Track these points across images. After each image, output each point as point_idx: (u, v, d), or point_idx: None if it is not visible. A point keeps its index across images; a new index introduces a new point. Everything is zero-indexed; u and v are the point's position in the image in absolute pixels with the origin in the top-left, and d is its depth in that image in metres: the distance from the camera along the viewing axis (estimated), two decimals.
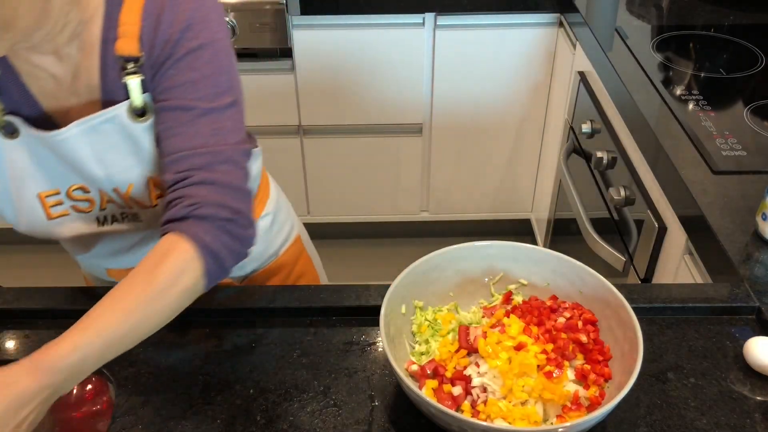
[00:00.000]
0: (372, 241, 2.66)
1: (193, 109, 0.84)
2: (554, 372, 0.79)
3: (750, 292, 0.97)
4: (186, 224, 0.80)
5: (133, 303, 0.75)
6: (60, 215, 0.95)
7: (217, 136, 0.84)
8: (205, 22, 0.85)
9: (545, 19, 2.07)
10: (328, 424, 0.82)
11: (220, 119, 0.85)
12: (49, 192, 0.93)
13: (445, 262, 0.91)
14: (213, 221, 0.81)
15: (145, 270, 0.77)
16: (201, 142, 0.84)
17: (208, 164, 0.83)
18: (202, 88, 0.84)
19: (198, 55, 0.84)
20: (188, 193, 0.82)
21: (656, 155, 1.30)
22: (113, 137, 0.89)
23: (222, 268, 0.82)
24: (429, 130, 2.30)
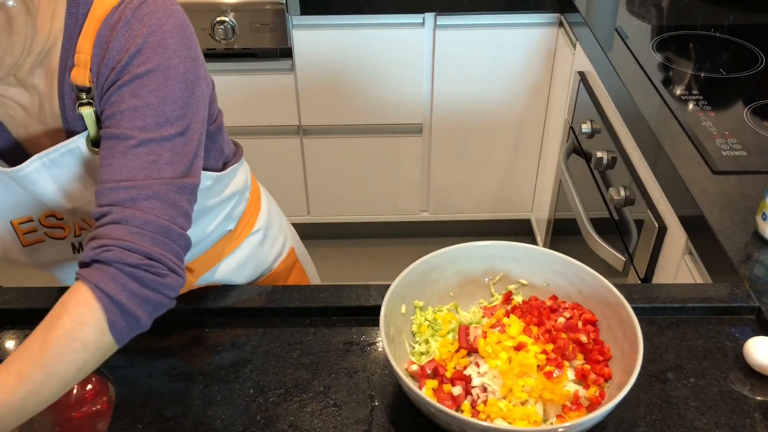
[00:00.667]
0: (372, 241, 2.66)
1: (129, 138, 0.77)
2: (554, 372, 0.79)
3: (750, 292, 0.97)
4: (90, 270, 0.73)
5: (27, 366, 0.67)
6: (34, 242, 0.93)
7: (149, 169, 0.76)
8: (158, 47, 0.79)
9: (545, 19, 2.08)
10: (328, 424, 0.82)
11: (157, 151, 0.77)
12: (22, 219, 0.91)
13: (445, 262, 0.91)
14: (119, 267, 0.72)
15: (42, 328, 0.70)
16: (128, 175, 0.76)
17: (130, 200, 0.75)
18: (143, 116, 0.77)
19: (144, 81, 0.78)
20: (101, 233, 0.74)
21: (656, 155, 1.30)
22: (75, 169, 0.85)
23: (132, 319, 0.73)
24: (429, 130, 2.30)
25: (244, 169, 1.10)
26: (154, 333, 0.94)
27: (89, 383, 0.91)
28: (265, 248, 1.17)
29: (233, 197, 1.05)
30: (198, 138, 0.83)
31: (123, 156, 0.76)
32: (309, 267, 1.34)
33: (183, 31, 0.81)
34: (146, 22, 0.79)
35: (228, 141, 1.04)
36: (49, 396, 0.69)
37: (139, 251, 0.73)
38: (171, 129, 0.79)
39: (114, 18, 0.81)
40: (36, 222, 0.92)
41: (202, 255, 1.06)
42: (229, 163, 1.03)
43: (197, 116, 0.83)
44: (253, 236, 1.13)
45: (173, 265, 0.76)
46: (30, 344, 0.69)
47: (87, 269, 0.73)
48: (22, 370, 0.67)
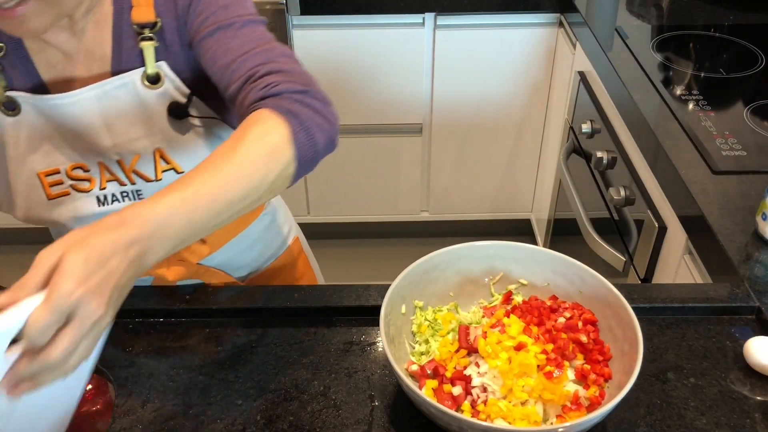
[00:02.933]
0: (372, 241, 2.66)
1: (232, 24, 0.85)
2: (554, 372, 0.79)
3: (750, 292, 0.97)
4: (264, 102, 0.77)
5: (219, 161, 0.70)
6: (60, 194, 0.95)
7: (262, 39, 0.85)
8: None
9: (545, 19, 2.08)
10: (328, 424, 0.82)
11: (258, 29, 0.86)
12: (49, 170, 0.93)
13: (445, 262, 0.91)
14: (289, 95, 0.78)
15: (230, 140, 0.73)
16: (252, 45, 0.83)
17: (266, 60, 0.82)
18: (233, 9, 0.86)
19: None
20: (261, 81, 0.80)
21: (656, 155, 1.30)
22: (124, 104, 0.90)
23: (310, 137, 0.77)
24: (429, 130, 2.30)
25: None
26: (155, 333, 0.94)
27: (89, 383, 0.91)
28: (272, 232, 1.18)
29: None
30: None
31: (236, 36, 0.84)
32: (313, 261, 1.35)
33: None
34: None
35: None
36: (238, 196, 0.69)
37: (301, 83, 0.80)
38: (257, 17, 0.88)
39: None
40: (62, 174, 0.94)
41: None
42: None
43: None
44: (260, 220, 1.15)
45: (325, 98, 0.82)
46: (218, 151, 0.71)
47: (259, 102, 0.77)
48: (214, 165, 0.69)
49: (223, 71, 0.83)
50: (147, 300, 0.99)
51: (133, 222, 0.63)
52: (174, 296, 0.99)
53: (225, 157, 0.70)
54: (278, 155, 0.73)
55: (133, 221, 0.63)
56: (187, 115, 0.91)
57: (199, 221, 0.67)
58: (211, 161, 0.70)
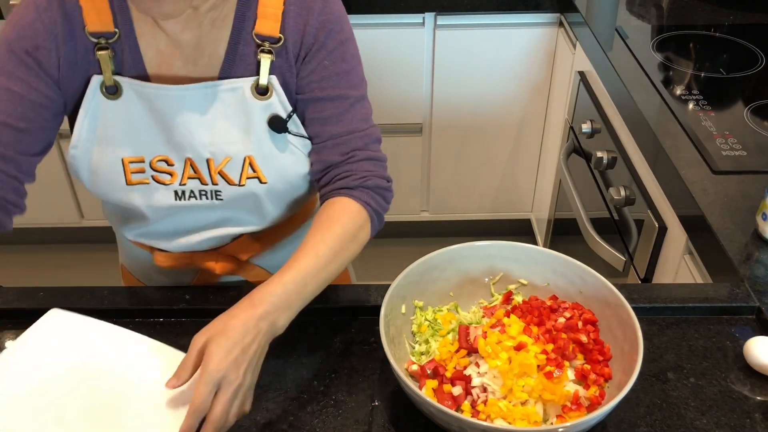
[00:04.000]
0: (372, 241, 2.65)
1: (348, 98, 0.96)
2: (554, 372, 0.79)
3: (750, 292, 0.97)
4: (358, 192, 0.94)
5: (324, 249, 0.87)
6: (139, 182, 0.97)
7: (366, 121, 0.98)
8: (345, 18, 0.96)
9: (545, 19, 2.07)
10: (328, 424, 0.82)
11: (365, 105, 0.98)
12: (134, 158, 0.95)
13: (445, 262, 0.91)
14: (377, 190, 0.96)
15: (329, 223, 0.91)
16: (357, 126, 0.96)
17: (365, 146, 0.97)
18: (352, 77, 0.96)
19: (346, 48, 0.95)
20: (356, 168, 0.96)
21: (656, 155, 1.30)
22: (230, 108, 0.93)
23: (380, 224, 0.98)
24: (429, 130, 2.30)
25: None
26: (155, 333, 0.94)
27: None
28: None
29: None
30: None
31: (348, 112, 0.96)
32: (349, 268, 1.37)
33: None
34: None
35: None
36: (333, 274, 0.89)
37: (386, 177, 0.98)
38: (364, 88, 0.99)
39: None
40: (146, 163, 0.96)
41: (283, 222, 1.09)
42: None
43: None
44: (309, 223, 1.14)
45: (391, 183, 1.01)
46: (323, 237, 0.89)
47: (353, 191, 0.94)
48: (320, 252, 0.87)
49: (328, 139, 0.96)
50: (147, 300, 0.99)
51: (261, 302, 0.81)
52: (174, 296, 0.99)
53: (327, 246, 0.88)
54: (361, 243, 0.94)
55: (261, 301, 0.81)
56: (285, 130, 0.95)
57: (309, 293, 0.86)
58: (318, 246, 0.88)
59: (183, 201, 0.99)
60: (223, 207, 1.00)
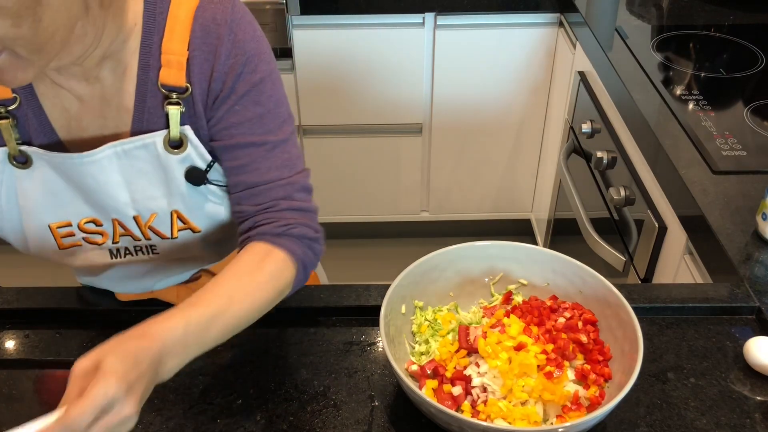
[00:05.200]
0: (372, 241, 2.66)
1: (265, 144, 0.87)
2: (554, 372, 0.79)
3: (750, 292, 0.97)
4: (282, 240, 0.86)
5: (240, 295, 0.79)
6: (72, 245, 0.94)
7: (288, 167, 0.89)
8: (261, 55, 0.86)
9: (545, 19, 2.07)
10: (328, 424, 0.82)
11: (287, 149, 0.89)
12: (61, 223, 0.92)
13: (445, 262, 0.91)
14: (303, 240, 0.88)
15: (248, 267, 0.82)
16: (277, 175, 0.88)
17: (287, 195, 0.89)
18: (268, 121, 0.87)
19: (261, 89, 0.87)
20: (279, 216, 0.88)
21: (656, 155, 1.30)
22: (145, 164, 0.88)
23: (305, 278, 0.90)
24: (429, 130, 2.30)
25: None
26: None
27: None
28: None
29: None
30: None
31: (265, 159, 0.87)
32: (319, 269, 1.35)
33: (261, 32, 0.88)
34: (244, 28, 0.85)
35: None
36: (243, 323, 0.80)
37: (313, 228, 0.90)
38: (288, 128, 0.90)
39: (206, 21, 0.83)
40: (74, 227, 0.92)
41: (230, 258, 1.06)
42: None
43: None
44: None
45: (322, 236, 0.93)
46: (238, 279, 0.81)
47: (277, 238, 0.86)
48: (232, 294, 0.79)
49: (245, 189, 0.89)
50: (147, 300, 0.99)
51: (155, 337, 0.70)
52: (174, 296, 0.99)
53: (242, 288, 0.80)
54: (280, 294, 0.85)
55: (156, 336, 0.70)
56: (203, 182, 0.90)
57: (209, 340, 0.77)
58: (232, 288, 0.80)
59: (120, 258, 0.96)
60: (162, 259, 0.98)
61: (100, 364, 0.65)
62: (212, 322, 0.76)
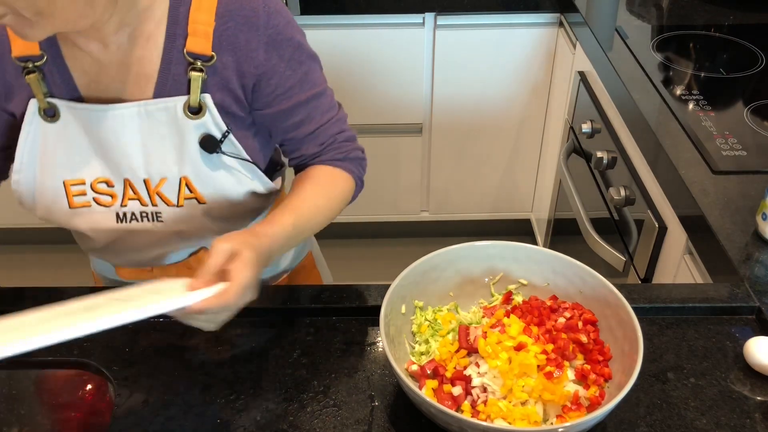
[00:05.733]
0: (372, 241, 2.66)
1: (315, 97, 0.99)
2: (554, 372, 0.79)
3: (750, 292, 0.97)
4: (344, 164, 1.02)
5: (321, 201, 0.97)
6: (81, 205, 0.97)
7: (333, 107, 1.02)
8: (291, 21, 0.95)
9: (545, 19, 2.07)
10: (328, 424, 0.82)
11: (328, 92, 1.01)
12: (75, 181, 0.95)
13: (445, 262, 0.91)
14: (358, 161, 1.04)
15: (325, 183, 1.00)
16: (328, 117, 1.01)
17: (340, 130, 1.02)
18: (312, 76, 0.98)
19: (300, 51, 0.95)
20: (339, 146, 1.02)
21: (656, 155, 1.30)
22: (163, 128, 0.92)
23: (361, 187, 1.07)
24: (429, 130, 2.30)
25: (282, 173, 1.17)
26: (155, 333, 0.94)
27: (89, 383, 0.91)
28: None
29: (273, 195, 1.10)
30: None
31: (317, 109, 0.99)
32: (324, 270, 1.37)
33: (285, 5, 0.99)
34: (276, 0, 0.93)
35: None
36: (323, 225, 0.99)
37: (362, 149, 1.06)
38: (324, 83, 1.01)
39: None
40: (87, 185, 0.96)
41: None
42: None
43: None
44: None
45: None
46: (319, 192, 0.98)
47: (342, 162, 1.02)
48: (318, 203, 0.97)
49: (306, 136, 1.00)
50: None
51: (272, 237, 0.86)
52: None
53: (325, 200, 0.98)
54: (347, 202, 1.04)
55: (272, 236, 0.87)
56: (216, 151, 0.94)
57: (300, 239, 0.95)
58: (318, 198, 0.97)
59: (125, 224, 0.99)
60: (166, 228, 1.00)
61: (239, 253, 0.79)
62: (306, 225, 0.93)
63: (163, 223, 0.99)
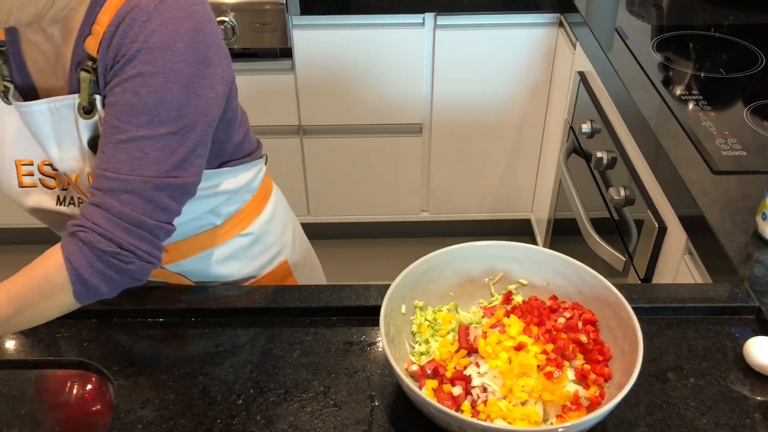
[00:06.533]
0: (372, 241, 2.66)
1: (122, 132, 0.83)
2: (554, 372, 0.79)
3: (750, 292, 0.97)
4: (70, 241, 0.84)
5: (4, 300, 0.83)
6: (29, 185, 1.00)
7: (133, 165, 0.83)
8: (165, 49, 0.83)
9: (545, 19, 2.08)
10: (328, 424, 0.82)
11: (144, 148, 0.83)
12: (25, 161, 0.99)
13: (445, 262, 0.91)
14: (91, 249, 0.83)
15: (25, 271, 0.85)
16: (115, 166, 0.84)
17: (111, 190, 0.83)
18: (138, 114, 0.83)
19: (144, 81, 0.83)
20: (85, 212, 0.84)
21: (656, 155, 1.30)
22: (68, 124, 0.92)
23: (93, 290, 0.84)
24: (429, 130, 2.30)
25: (251, 172, 1.10)
26: (155, 333, 0.94)
27: (89, 383, 0.91)
28: (253, 252, 1.15)
29: (223, 195, 1.06)
30: (199, 138, 0.87)
31: (114, 147, 0.84)
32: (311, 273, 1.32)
33: (195, 35, 0.84)
34: (163, 21, 0.83)
35: (243, 140, 1.07)
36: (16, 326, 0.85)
37: (111, 239, 0.83)
38: (162, 129, 0.84)
39: (135, 2, 0.84)
40: (35, 167, 0.99)
41: (181, 241, 1.06)
42: (230, 162, 1.04)
43: (204, 117, 0.87)
44: (241, 238, 1.12)
45: (143, 254, 0.85)
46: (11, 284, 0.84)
47: (68, 238, 0.84)
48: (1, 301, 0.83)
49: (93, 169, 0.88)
50: (147, 300, 0.99)
51: None
52: (174, 296, 0.99)
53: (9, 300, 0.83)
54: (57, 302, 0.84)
55: None
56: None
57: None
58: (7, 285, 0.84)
59: (64, 207, 1.01)
60: None
61: None
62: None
63: None
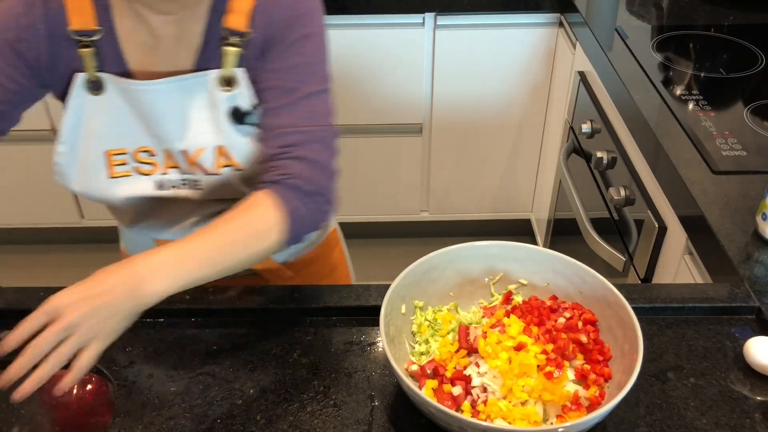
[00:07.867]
0: (372, 241, 2.66)
1: (293, 91, 0.93)
2: (554, 372, 0.79)
3: (750, 292, 0.97)
4: (277, 187, 0.89)
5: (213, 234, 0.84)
6: (122, 175, 1.00)
7: (312, 118, 0.94)
8: (314, 14, 0.95)
9: (545, 19, 2.08)
10: (328, 424, 0.82)
11: (316, 103, 0.94)
12: (117, 150, 0.99)
13: (445, 262, 0.91)
14: (299, 192, 0.90)
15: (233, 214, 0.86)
16: (298, 121, 0.93)
17: (303, 142, 0.92)
18: (303, 72, 0.94)
19: (306, 43, 0.94)
20: (284, 165, 0.91)
21: (656, 155, 1.30)
22: (198, 100, 0.95)
23: (296, 231, 0.90)
24: (429, 130, 2.30)
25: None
26: (155, 333, 0.94)
27: (89, 383, 0.91)
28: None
29: None
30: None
31: (293, 105, 0.93)
32: (347, 253, 1.40)
33: (319, 2, 0.97)
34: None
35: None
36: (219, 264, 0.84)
37: (315, 182, 0.91)
38: (324, 85, 0.95)
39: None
40: (129, 155, 1.00)
41: None
42: None
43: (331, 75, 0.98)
44: None
45: (331, 198, 0.95)
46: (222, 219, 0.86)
47: (274, 185, 0.89)
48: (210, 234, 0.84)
49: (267, 128, 0.95)
50: None
51: (136, 262, 0.78)
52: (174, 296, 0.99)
53: (219, 230, 0.85)
54: (268, 242, 0.87)
55: (136, 261, 0.78)
56: (242, 122, 0.97)
57: (186, 275, 0.81)
58: (209, 231, 0.84)
59: (164, 191, 1.02)
60: (204, 196, 1.03)
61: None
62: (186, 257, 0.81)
63: (201, 190, 1.02)
